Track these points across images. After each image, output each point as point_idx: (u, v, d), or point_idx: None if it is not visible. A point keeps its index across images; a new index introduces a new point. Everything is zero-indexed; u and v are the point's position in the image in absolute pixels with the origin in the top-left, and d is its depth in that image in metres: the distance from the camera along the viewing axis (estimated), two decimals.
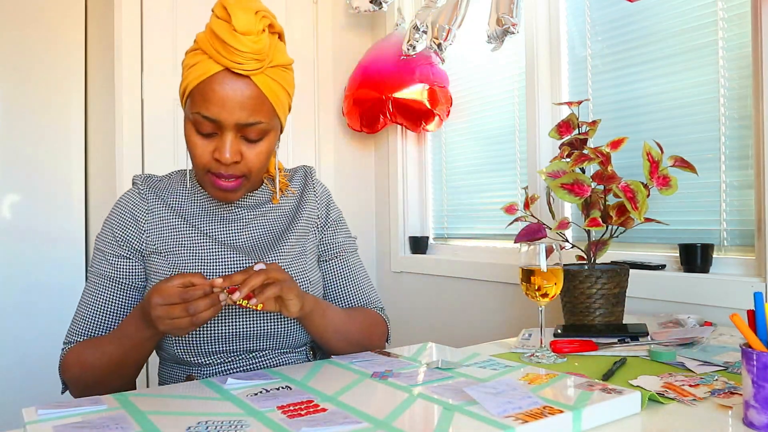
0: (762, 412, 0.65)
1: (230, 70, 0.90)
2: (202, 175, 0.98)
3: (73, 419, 0.70)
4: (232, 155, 0.93)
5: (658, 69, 1.57)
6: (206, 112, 0.91)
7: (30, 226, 2.25)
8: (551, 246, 1.00)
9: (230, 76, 0.91)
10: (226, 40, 0.88)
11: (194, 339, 0.99)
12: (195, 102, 0.93)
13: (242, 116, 0.92)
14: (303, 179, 1.17)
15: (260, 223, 1.08)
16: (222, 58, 0.89)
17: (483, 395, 0.69)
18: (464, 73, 2.25)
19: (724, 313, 1.31)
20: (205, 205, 1.07)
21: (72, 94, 2.35)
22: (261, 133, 0.96)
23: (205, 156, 0.95)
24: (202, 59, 0.91)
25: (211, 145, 0.94)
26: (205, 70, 0.91)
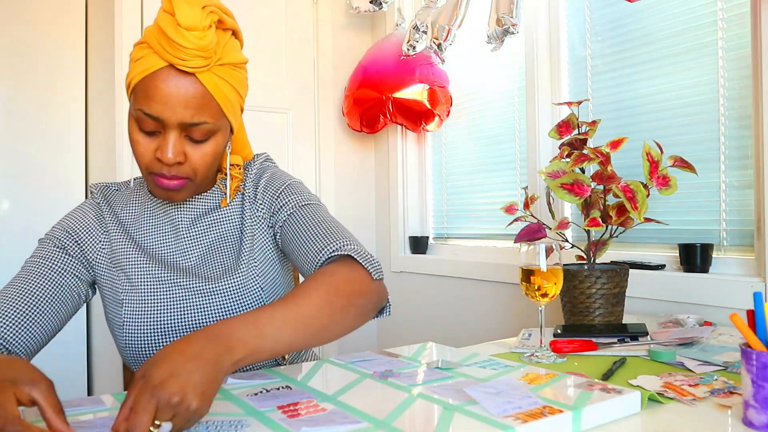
0: (761, 412, 0.65)
1: (174, 66, 0.86)
2: (146, 175, 0.93)
3: (73, 419, 0.70)
4: (175, 155, 0.89)
5: (658, 69, 1.57)
6: (148, 109, 0.87)
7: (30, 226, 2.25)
8: (551, 246, 1.00)
9: (174, 73, 0.86)
10: (170, 35, 0.84)
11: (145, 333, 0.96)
12: (138, 98, 0.88)
13: (186, 115, 0.87)
14: (257, 174, 1.08)
15: (211, 234, 1.03)
16: (166, 53, 0.85)
17: (483, 395, 0.69)
18: (464, 73, 2.25)
19: (723, 313, 1.31)
20: (157, 217, 1.03)
21: (72, 94, 2.35)
22: (206, 134, 0.91)
23: (148, 155, 0.90)
24: (147, 53, 0.88)
25: (153, 143, 0.90)
26: (149, 65, 0.87)
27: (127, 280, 0.99)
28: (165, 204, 1.04)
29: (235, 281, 0.99)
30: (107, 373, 2.32)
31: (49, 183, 2.30)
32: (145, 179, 0.98)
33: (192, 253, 1.02)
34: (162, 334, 0.97)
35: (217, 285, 0.99)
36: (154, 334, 0.97)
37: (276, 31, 2.45)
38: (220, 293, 0.99)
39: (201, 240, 1.03)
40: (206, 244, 1.03)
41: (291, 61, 2.47)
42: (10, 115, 2.24)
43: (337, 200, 2.55)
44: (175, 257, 1.02)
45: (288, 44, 2.46)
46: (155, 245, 1.02)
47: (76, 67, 2.35)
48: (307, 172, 2.50)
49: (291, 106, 2.46)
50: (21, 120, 2.26)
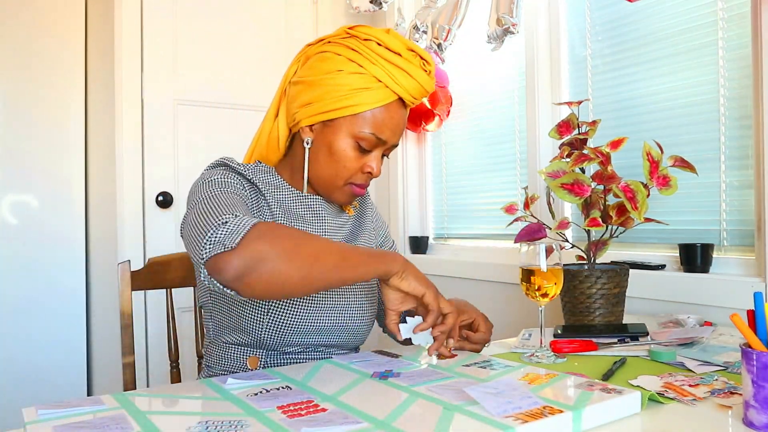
0: (762, 412, 0.65)
1: (402, 100, 1.02)
2: (342, 185, 1.04)
3: (73, 419, 0.70)
4: (379, 170, 1.04)
5: (658, 69, 1.57)
6: (380, 134, 1.01)
7: (30, 226, 2.25)
8: (551, 246, 1.00)
9: (401, 105, 1.03)
10: (414, 73, 1.00)
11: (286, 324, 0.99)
12: (365, 122, 1.00)
13: (398, 140, 1.06)
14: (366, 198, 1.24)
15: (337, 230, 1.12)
16: (401, 89, 0.99)
17: (483, 395, 0.69)
18: (464, 73, 2.25)
19: (723, 313, 1.31)
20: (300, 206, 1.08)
21: (72, 95, 2.35)
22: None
23: (354, 169, 1.03)
24: (376, 86, 0.99)
25: (361, 159, 1.03)
26: (382, 98, 0.99)
27: None
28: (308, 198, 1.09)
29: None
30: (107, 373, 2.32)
31: (49, 183, 2.30)
32: (337, 189, 1.05)
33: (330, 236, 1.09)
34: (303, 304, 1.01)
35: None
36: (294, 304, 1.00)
37: (276, 31, 2.45)
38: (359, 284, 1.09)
39: (338, 234, 1.11)
40: (341, 238, 1.11)
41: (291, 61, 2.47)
42: (9, 114, 2.24)
43: None
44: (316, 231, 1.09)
45: (288, 44, 2.46)
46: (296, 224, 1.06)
47: (76, 65, 2.35)
48: None
49: None
50: (21, 120, 2.26)
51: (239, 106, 2.33)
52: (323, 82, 0.99)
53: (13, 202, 2.24)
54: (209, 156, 2.27)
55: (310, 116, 1.01)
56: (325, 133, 1.01)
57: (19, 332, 2.22)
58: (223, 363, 1.05)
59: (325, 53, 1.01)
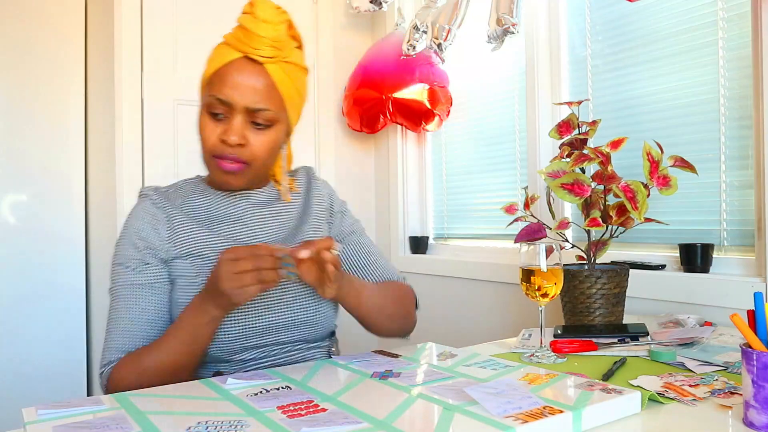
0: (762, 412, 0.65)
1: (248, 57, 0.98)
2: (209, 159, 1.02)
3: (73, 419, 0.70)
4: (238, 137, 0.98)
5: (658, 69, 1.57)
6: (220, 94, 0.97)
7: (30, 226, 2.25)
8: (551, 246, 1.00)
9: (247, 63, 0.98)
10: (248, 26, 0.97)
11: (228, 333, 0.99)
12: (212, 86, 0.99)
13: (252, 101, 0.98)
14: (306, 179, 1.20)
15: (273, 222, 1.10)
16: (241, 44, 0.98)
17: (483, 395, 0.69)
18: (464, 73, 2.25)
19: (724, 313, 1.31)
20: (218, 207, 1.08)
21: (72, 94, 2.34)
22: (268, 121, 1.00)
23: (213, 138, 1.00)
24: (223, 49, 1.00)
25: (219, 128, 0.99)
26: (224, 58, 0.99)
27: (203, 263, 1.02)
28: (227, 197, 1.09)
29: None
30: None
31: (48, 183, 2.30)
32: (207, 165, 1.04)
33: (261, 238, 1.08)
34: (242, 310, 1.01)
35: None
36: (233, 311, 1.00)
37: None
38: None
39: (267, 227, 1.09)
40: (270, 231, 1.09)
41: None
42: (9, 113, 2.24)
43: None
44: (246, 240, 1.06)
45: None
46: (225, 232, 1.06)
47: (76, 64, 2.35)
48: None
49: None
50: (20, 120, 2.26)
51: None
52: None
53: (13, 201, 2.24)
54: None
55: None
56: None
57: (19, 331, 2.22)
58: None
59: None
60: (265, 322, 1.02)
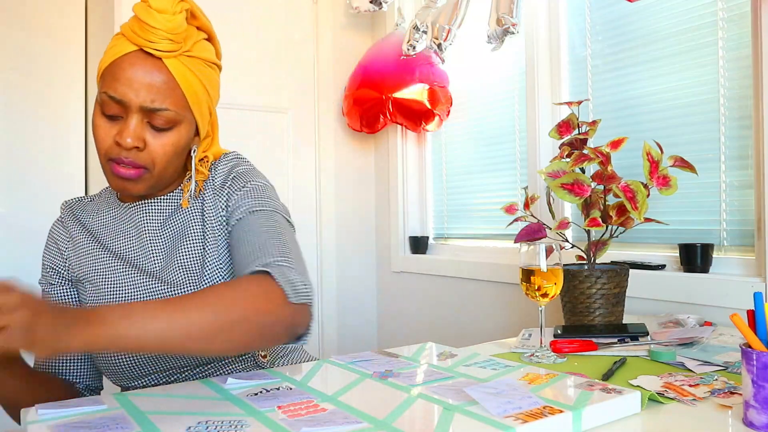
0: (762, 412, 0.65)
1: (144, 50, 0.87)
2: (104, 163, 0.91)
3: (73, 419, 0.70)
4: (134, 140, 0.87)
5: (658, 69, 1.57)
6: (112, 91, 0.87)
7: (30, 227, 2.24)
8: (551, 246, 1.00)
9: (142, 57, 0.88)
10: (141, 17, 0.86)
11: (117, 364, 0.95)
12: (105, 82, 0.89)
13: (148, 99, 0.87)
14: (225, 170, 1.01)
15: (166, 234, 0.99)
16: (136, 37, 0.87)
17: (483, 395, 0.69)
18: (464, 73, 2.25)
19: (723, 313, 1.31)
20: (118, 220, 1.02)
21: (72, 97, 2.34)
22: (168, 122, 0.90)
23: (107, 140, 0.89)
24: (119, 41, 0.90)
25: (114, 129, 0.89)
26: (118, 50, 0.88)
27: (90, 283, 0.99)
28: (129, 206, 1.02)
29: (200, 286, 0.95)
30: None
31: (49, 183, 2.30)
32: (103, 170, 0.93)
33: (156, 256, 0.98)
34: None
35: (180, 290, 0.95)
36: None
37: (276, 31, 2.45)
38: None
39: (165, 242, 0.99)
40: (170, 246, 0.98)
41: (291, 61, 2.47)
42: (10, 115, 2.24)
43: (337, 200, 2.55)
44: (141, 260, 0.99)
45: (288, 44, 2.46)
46: (121, 248, 1.00)
47: (76, 66, 2.35)
48: (307, 172, 2.50)
49: (291, 106, 2.46)
50: (21, 119, 2.26)
51: (239, 105, 2.33)
52: None
53: (14, 203, 2.24)
54: None
55: None
56: None
57: None
58: None
59: None
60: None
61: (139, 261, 0.99)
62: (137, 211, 1.01)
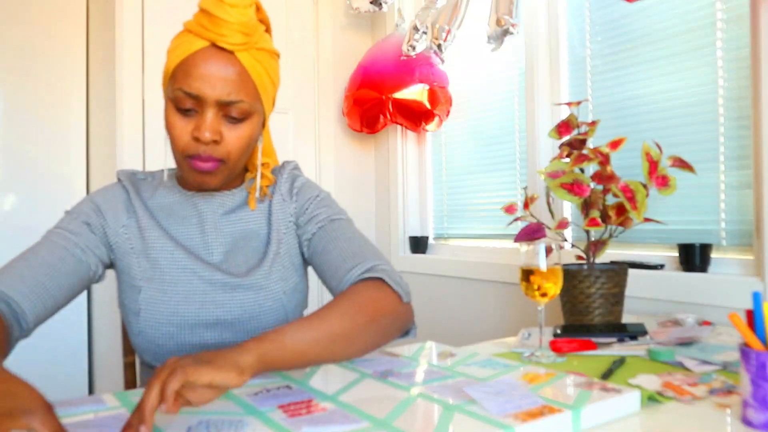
0: (760, 411, 0.65)
1: (215, 45, 0.88)
2: (181, 160, 0.93)
3: (74, 418, 0.70)
4: (212, 133, 0.89)
5: (658, 69, 1.58)
6: (187, 87, 0.88)
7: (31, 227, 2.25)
8: (551, 246, 1.00)
9: (214, 51, 0.89)
10: (213, 11, 0.86)
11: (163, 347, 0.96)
12: (177, 79, 0.90)
13: (224, 92, 0.89)
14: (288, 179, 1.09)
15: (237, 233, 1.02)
16: (207, 32, 0.87)
17: (483, 395, 0.69)
18: (464, 73, 2.26)
19: (722, 313, 1.31)
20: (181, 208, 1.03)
21: (73, 94, 2.35)
22: (243, 114, 0.92)
23: (184, 137, 0.91)
24: (186, 38, 0.90)
25: (190, 124, 0.90)
26: (189, 47, 0.89)
27: (150, 266, 0.98)
28: (194, 197, 1.03)
29: (258, 281, 0.98)
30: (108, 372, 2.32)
31: (50, 183, 2.30)
32: (179, 165, 0.95)
33: (217, 248, 1.01)
34: (178, 324, 0.96)
35: (240, 281, 0.97)
36: (169, 323, 0.95)
37: (276, 31, 2.45)
38: (242, 290, 0.97)
39: (227, 236, 1.02)
40: (231, 240, 1.02)
41: (291, 61, 2.47)
42: (11, 114, 2.24)
43: (337, 200, 2.56)
44: (200, 251, 1.00)
45: (288, 44, 2.46)
46: (181, 236, 1.01)
47: (78, 67, 2.35)
48: (307, 172, 2.50)
49: (291, 106, 2.47)
50: (22, 120, 2.26)
51: None
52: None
53: (15, 203, 2.24)
54: None
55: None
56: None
57: None
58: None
59: None
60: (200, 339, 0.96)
61: (197, 249, 1.00)
62: (201, 201, 1.03)
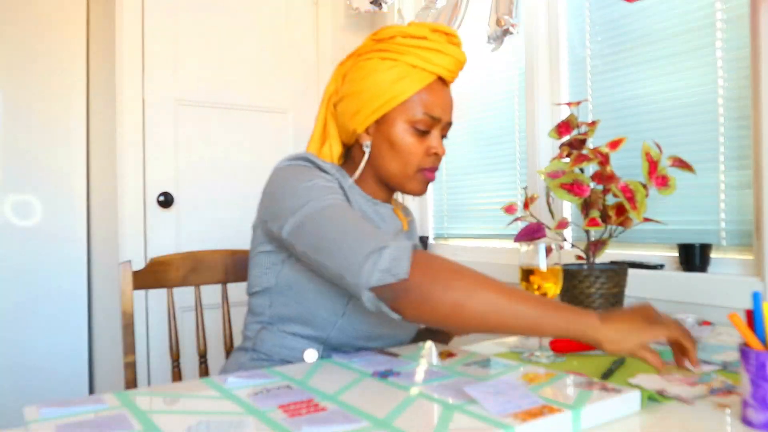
0: (760, 411, 0.65)
1: (441, 78, 1.06)
2: (413, 173, 1.07)
3: (75, 418, 0.70)
4: (443, 149, 1.08)
5: (658, 69, 1.58)
6: (432, 113, 1.05)
7: (31, 226, 2.25)
8: (550, 246, 1.00)
9: (443, 83, 1.08)
10: (448, 51, 1.04)
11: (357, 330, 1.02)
12: (417, 105, 1.04)
13: (451, 116, 1.10)
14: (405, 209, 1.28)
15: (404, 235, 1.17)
16: (438, 67, 1.04)
17: (483, 395, 0.69)
18: (464, 73, 2.26)
19: (722, 313, 1.31)
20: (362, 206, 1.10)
21: (73, 95, 2.35)
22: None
23: (419, 154, 1.06)
24: (414, 72, 1.04)
25: (422, 145, 1.06)
26: (423, 79, 1.04)
27: None
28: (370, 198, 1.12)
29: None
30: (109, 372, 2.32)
31: (50, 183, 2.30)
32: (409, 178, 1.08)
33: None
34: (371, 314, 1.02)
35: None
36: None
37: (276, 31, 2.45)
38: None
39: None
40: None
41: (291, 62, 2.47)
42: (11, 116, 2.24)
43: None
44: None
45: (288, 45, 2.46)
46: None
47: (77, 65, 2.35)
48: None
49: (291, 106, 2.47)
50: (23, 120, 2.26)
51: (239, 106, 2.33)
52: (364, 87, 1.05)
53: (15, 202, 2.25)
54: (209, 156, 2.27)
55: (362, 121, 1.07)
56: (382, 130, 1.06)
57: (21, 331, 2.22)
58: (278, 350, 1.05)
59: (359, 63, 1.08)
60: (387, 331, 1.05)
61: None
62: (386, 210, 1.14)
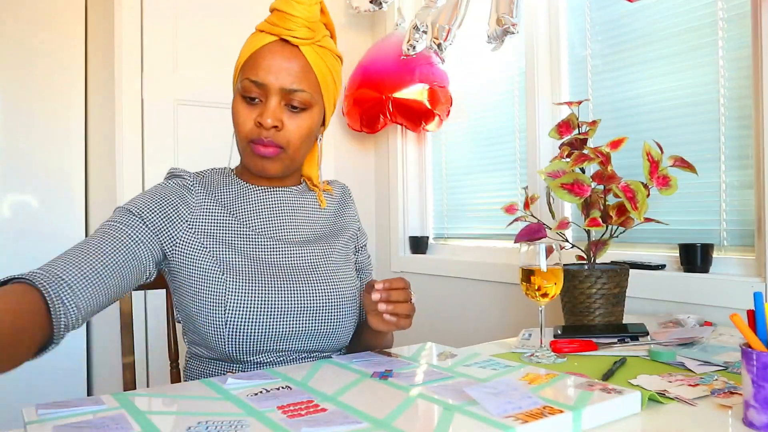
0: (762, 412, 0.65)
1: (282, 39, 0.97)
2: (245, 146, 1.00)
3: (73, 419, 0.70)
4: (273, 119, 0.97)
5: (658, 69, 1.57)
6: (254, 76, 0.97)
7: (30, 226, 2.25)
8: (551, 246, 1.00)
9: (281, 45, 0.98)
10: (281, 7, 0.96)
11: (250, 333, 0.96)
12: (245, 70, 0.99)
13: (287, 81, 0.97)
14: (341, 192, 1.19)
15: (301, 224, 1.08)
16: (275, 27, 0.97)
17: (483, 395, 0.69)
18: (464, 73, 2.25)
19: (723, 313, 1.31)
20: (245, 198, 1.05)
21: (72, 94, 2.35)
22: (303, 104, 0.99)
23: (249, 123, 0.98)
24: (256, 36, 1.00)
25: (254, 112, 0.98)
26: (258, 43, 0.99)
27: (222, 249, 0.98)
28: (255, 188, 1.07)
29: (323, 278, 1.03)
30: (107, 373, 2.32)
31: (49, 182, 2.30)
32: (242, 152, 1.02)
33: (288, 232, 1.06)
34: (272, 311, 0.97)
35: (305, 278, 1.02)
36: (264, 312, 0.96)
37: None
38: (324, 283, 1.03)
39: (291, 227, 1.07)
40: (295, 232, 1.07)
41: None
42: (9, 113, 2.24)
43: None
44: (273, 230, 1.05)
45: None
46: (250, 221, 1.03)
47: (76, 64, 2.35)
48: None
49: None
50: (21, 120, 2.26)
51: None
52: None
53: (14, 201, 2.24)
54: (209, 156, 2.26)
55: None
56: None
57: None
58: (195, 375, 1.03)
59: None
60: (289, 327, 0.98)
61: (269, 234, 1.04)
62: (269, 194, 1.07)
